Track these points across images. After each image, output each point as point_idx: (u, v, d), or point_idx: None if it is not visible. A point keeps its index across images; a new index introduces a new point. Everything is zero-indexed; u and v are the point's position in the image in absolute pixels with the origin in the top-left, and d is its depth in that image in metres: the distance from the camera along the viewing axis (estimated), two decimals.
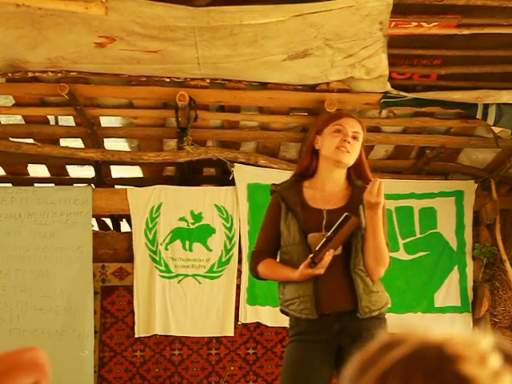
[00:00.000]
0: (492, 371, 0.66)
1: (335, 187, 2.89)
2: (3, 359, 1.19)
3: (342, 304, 2.77)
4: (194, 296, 4.84)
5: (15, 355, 1.21)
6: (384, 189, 2.70)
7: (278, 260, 2.92)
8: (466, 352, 0.68)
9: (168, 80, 4.21)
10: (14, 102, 4.50)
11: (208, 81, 4.23)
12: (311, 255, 2.70)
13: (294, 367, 2.74)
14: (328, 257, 2.67)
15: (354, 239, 2.79)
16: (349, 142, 2.81)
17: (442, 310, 4.98)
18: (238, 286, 4.86)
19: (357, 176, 2.91)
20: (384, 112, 4.61)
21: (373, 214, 2.71)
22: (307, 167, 2.94)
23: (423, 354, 0.69)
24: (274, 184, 3.00)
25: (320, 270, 2.68)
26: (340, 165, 2.85)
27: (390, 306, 2.87)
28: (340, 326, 2.75)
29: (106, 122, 4.76)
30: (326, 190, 2.88)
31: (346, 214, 2.73)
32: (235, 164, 4.90)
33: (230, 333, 4.84)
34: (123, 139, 4.99)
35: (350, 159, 2.85)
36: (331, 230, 2.71)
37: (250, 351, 4.94)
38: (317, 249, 2.70)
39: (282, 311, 2.91)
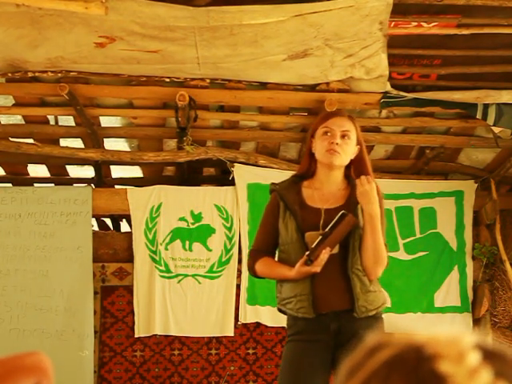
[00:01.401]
0: (469, 369, 0.66)
1: (333, 187, 2.90)
2: (4, 362, 1.19)
3: (339, 303, 2.77)
4: (194, 296, 4.84)
5: (17, 358, 1.21)
6: (383, 189, 2.71)
7: (276, 259, 2.93)
8: (444, 350, 0.68)
9: (168, 80, 4.21)
10: (14, 101, 4.49)
11: (208, 81, 4.23)
12: (307, 252, 2.70)
13: (292, 367, 2.75)
14: (324, 255, 2.67)
15: (352, 238, 2.79)
16: (337, 144, 2.82)
17: (442, 310, 4.97)
18: (238, 286, 4.86)
19: (357, 173, 2.91)
20: (384, 112, 4.61)
21: (370, 209, 2.72)
22: (307, 170, 2.96)
23: (403, 356, 0.69)
24: (273, 183, 3.01)
25: (316, 267, 2.69)
26: (333, 167, 2.86)
27: (387, 305, 2.88)
28: (337, 325, 2.76)
29: (106, 121, 4.76)
30: (325, 189, 2.89)
31: (342, 211, 2.74)
32: (235, 164, 4.90)
33: (230, 333, 4.84)
34: (123, 139, 4.99)
35: (342, 160, 2.86)
36: (327, 228, 2.72)
37: (250, 351, 4.94)
38: (313, 246, 2.70)
39: (280, 310, 2.92)
